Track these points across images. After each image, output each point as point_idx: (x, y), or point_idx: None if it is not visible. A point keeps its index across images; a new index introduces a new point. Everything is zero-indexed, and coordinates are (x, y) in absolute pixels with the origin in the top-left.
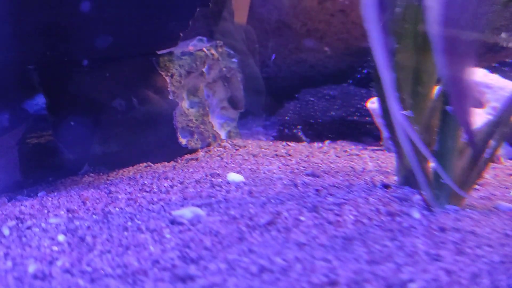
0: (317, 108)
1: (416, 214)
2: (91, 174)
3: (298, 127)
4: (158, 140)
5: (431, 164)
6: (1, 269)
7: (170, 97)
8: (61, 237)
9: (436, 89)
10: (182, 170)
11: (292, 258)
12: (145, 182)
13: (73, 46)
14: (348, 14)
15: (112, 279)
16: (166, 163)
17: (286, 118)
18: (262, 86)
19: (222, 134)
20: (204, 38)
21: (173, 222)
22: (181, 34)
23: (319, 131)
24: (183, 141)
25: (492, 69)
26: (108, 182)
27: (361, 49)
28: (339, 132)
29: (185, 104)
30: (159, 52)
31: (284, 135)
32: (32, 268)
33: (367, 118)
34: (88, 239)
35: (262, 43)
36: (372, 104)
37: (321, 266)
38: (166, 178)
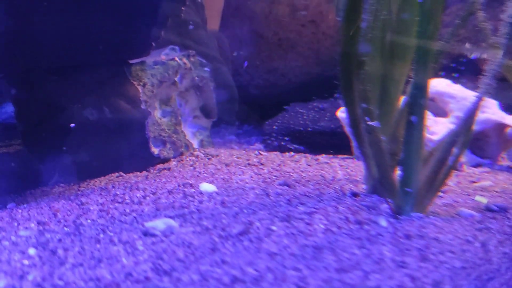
0: (306, 118)
1: (383, 222)
2: (62, 185)
3: (286, 138)
4: (130, 150)
5: (397, 173)
6: None
7: (142, 106)
8: (31, 251)
9: (402, 99)
10: (155, 180)
11: (264, 268)
12: (117, 192)
13: (41, 54)
14: (318, 24)
15: None
16: (138, 173)
17: (274, 127)
18: (235, 94)
19: (195, 143)
20: (176, 47)
21: (146, 233)
22: (153, 44)
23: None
24: (155, 150)
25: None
26: (79, 192)
27: (331, 59)
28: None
29: (157, 113)
30: (131, 62)
31: (273, 146)
32: (2, 283)
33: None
34: (60, 252)
35: (234, 51)
36: (342, 113)
37: (292, 276)
38: (138, 189)
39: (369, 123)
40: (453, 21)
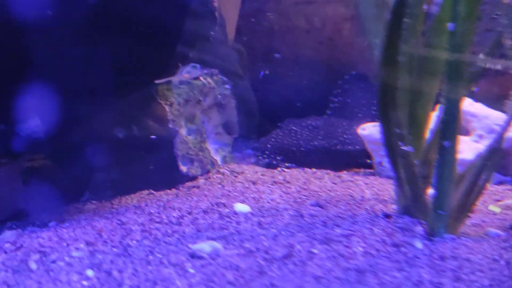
0: (300, 137)
1: (419, 244)
2: (93, 202)
3: (278, 158)
4: (159, 168)
5: (429, 195)
6: None
7: (170, 125)
8: (89, 272)
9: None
10: (187, 199)
11: None
12: (151, 211)
13: (72, 76)
14: (336, 42)
15: None
16: (168, 191)
17: (268, 145)
18: (256, 108)
19: (218, 160)
20: (197, 65)
21: (193, 256)
22: (180, 65)
23: (301, 160)
24: (184, 168)
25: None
26: (113, 210)
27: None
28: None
29: (183, 131)
30: (157, 82)
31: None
32: None
33: (349, 147)
34: (115, 273)
35: (251, 67)
36: (363, 130)
37: None
38: (173, 208)
39: (403, 148)
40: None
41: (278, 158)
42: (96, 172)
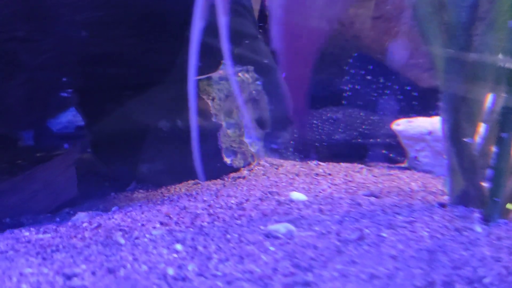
0: (322, 132)
1: (478, 228)
2: (140, 191)
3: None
4: (203, 159)
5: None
6: (141, 271)
7: (213, 119)
8: (178, 246)
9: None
10: (236, 188)
11: (392, 267)
12: (205, 198)
13: (118, 73)
14: (362, 39)
15: (244, 282)
16: (214, 181)
17: (291, 142)
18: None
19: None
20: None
21: (269, 236)
22: (222, 61)
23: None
24: (227, 160)
25: None
26: (165, 198)
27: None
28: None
29: (223, 125)
30: (197, 77)
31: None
32: (170, 271)
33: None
34: (200, 248)
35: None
36: (397, 126)
37: (419, 273)
38: (227, 196)
39: (465, 140)
40: None
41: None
42: (142, 163)
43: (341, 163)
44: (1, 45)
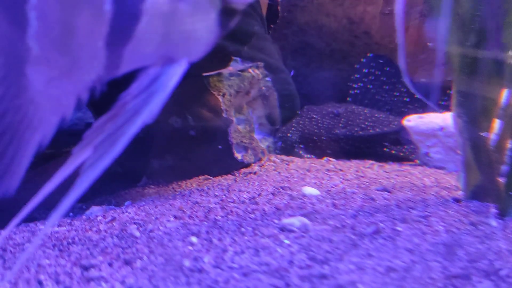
0: (321, 126)
1: (494, 223)
2: (151, 186)
3: (301, 145)
4: (214, 155)
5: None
6: (157, 263)
7: (224, 115)
8: (194, 239)
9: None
10: (248, 183)
11: (408, 260)
12: (216, 193)
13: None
14: (372, 36)
15: (261, 274)
16: (225, 176)
17: (288, 135)
18: (297, 103)
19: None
20: (238, 59)
21: (283, 229)
22: (232, 58)
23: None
24: (238, 156)
25: None
26: (177, 193)
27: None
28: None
29: (234, 121)
30: (207, 74)
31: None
32: (187, 263)
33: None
34: (215, 241)
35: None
36: (409, 122)
37: (435, 266)
38: (239, 191)
39: (481, 134)
40: None
41: (301, 146)
42: (153, 158)
43: (352, 160)
44: None
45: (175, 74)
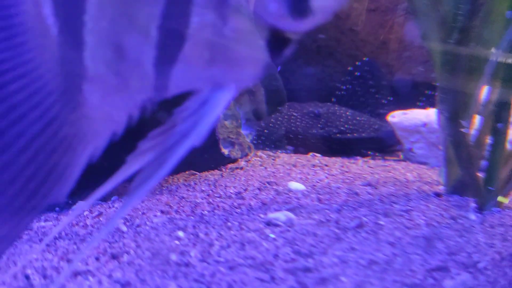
0: (299, 124)
1: (473, 216)
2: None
3: (276, 142)
4: (201, 150)
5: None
6: (144, 257)
7: None
8: (180, 233)
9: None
10: (234, 178)
11: (390, 253)
12: (203, 189)
13: None
14: (358, 32)
15: (247, 267)
16: (211, 171)
17: (265, 131)
18: (284, 99)
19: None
20: None
21: (269, 223)
22: None
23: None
24: (225, 151)
25: None
26: (164, 188)
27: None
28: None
29: (220, 116)
30: None
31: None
32: (173, 257)
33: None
34: (202, 235)
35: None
36: (393, 118)
37: (416, 258)
38: (226, 186)
39: (462, 130)
40: None
41: (276, 144)
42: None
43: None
44: None
45: (223, 99)
